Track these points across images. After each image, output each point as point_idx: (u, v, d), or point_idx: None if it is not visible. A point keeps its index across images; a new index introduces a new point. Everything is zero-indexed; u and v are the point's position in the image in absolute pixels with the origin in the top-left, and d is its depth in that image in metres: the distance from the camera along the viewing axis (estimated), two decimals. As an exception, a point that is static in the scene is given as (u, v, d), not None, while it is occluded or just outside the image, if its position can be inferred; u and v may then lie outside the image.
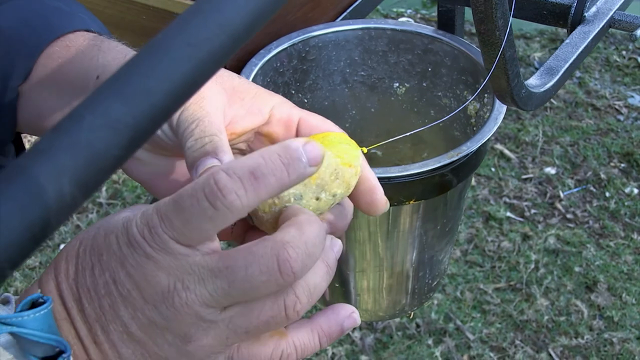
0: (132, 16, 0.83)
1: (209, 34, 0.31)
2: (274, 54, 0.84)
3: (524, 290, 1.80)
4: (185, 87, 0.30)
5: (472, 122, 0.84)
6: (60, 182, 0.27)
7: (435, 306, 1.77)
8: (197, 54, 0.31)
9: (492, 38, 0.58)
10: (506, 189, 2.04)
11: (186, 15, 0.31)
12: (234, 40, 0.32)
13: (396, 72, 0.89)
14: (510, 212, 1.98)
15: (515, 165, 2.11)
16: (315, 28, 0.87)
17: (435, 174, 0.73)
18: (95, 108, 0.28)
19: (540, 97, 0.67)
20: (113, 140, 0.28)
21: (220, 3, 0.32)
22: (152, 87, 0.29)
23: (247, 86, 0.51)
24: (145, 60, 0.30)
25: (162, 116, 0.29)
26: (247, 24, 0.32)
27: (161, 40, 0.31)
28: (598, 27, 0.76)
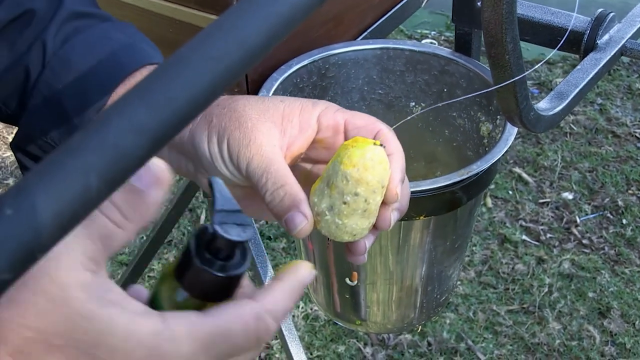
0: (160, 29, 0.87)
1: (228, 49, 0.34)
2: (294, 69, 0.87)
3: (536, 313, 1.81)
4: (204, 96, 0.33)
5: (484, 142, 0.86)
6: (88, 177, 0.30)
7: (447, 325, 1.78)
8: (216, 67, 0.33)
9: (502, 61, 0.60)
10: (523, 212, 2.05)
11: (207, 31, 0.34)
12: (250, 56, 0.35)
13: (413, 91, 0.92)
14: (525, 236, 1.99)
15: (532, 189, 2.12)
16: (336, 46, 0.90)
17: (446, 191, 0.75)
18: (122, 112, 0.31)
19: (549, 120, 0.69)
20: (137, 142, 0.31)
21: (239, 21, 0.35)
22: (174, 96, 0.32)
23: (292, 105, 0.55)
24: (168, 72, 0.33)
25: (182, 122, 0.32)
26: (263, 41, 0.35)
27: (183, 53, 0.34)
28: (610, 54, 0.78)
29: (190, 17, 0.84)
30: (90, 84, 0.57)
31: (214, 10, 0.82)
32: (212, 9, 0.82)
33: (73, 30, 0.58)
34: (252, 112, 0.53)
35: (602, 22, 0.80)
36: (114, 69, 0.57)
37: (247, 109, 0.53)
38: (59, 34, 0.58)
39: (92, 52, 0.57)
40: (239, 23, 0.35)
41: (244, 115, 0.53)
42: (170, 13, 0.85)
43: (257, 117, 0.53)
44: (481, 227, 1.99)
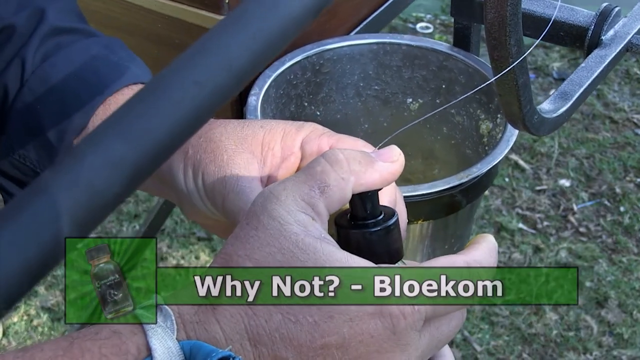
0: (147, 24, 0.83)
1: (213, 72, 0.31)
2: (287, 66, 0.84)
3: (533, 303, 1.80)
4: (188, 125, 0.30)
5: (484, 141, 0.84)
6: (59, 222, 0.27)
7: (443, 316, 1.76)
8: (200, 92, 0.31)
9: (505, 65, 0.57)
10: (519, 200, 2.03)
11: (190, 53, 0.31)
12: (238, 79, 0.32)
13: (410, 87, 0.89)
14: (522, 224, 1.97)
15: (529, 176, 2.09)
16: (330, 41, 0.87)
17: (444, 194, 0.73)
18: (96, 146, 0.28)
19: (552, 122, 0.67)
20: (114, 178, 0.28)
21: (225, 41, 0.32)
22: (154, 126, 0.29)
23: (273, 131, 0.51)
24: (148, 98, 0.30)
25: (163, 154, 0.29)
26: (252, 63, 0.32)
27: (165, 78, 0.31)
28: (615, 51, 0.75)
29: (180, 12, 0.80)
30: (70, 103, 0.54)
31: (203, 5, 0.79)
32: (202, 4, 0.78)
33: (55, 47, 0.55)
34: (229, 142, 0.50)
35: (607, 17, 0.77)
36: (96, 88, 0.54)
37: (223, 139, 0.50)
38: (39, 51, 0.55)
39: (73, 69, 0.54)
40: (224, 43, 0.32)
41: (220, 146, 0.49)
42: (159, 8, 0.81)
43: (234, 147, 0.49)
44: (477, 216, 1.97)
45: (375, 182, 0.43)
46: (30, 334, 1.73)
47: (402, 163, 0.45)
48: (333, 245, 0.40)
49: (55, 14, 0.56)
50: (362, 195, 0.43)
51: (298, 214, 0.40)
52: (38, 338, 1.73)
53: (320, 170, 0.41)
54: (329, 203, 0.41)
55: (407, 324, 0.39)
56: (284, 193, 0.40)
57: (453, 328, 0.43)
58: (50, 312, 1.77)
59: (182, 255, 1.90)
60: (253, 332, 0.38)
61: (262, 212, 0.40)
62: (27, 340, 1.72)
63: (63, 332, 1.72)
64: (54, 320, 1.75)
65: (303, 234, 0.39)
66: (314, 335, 0.38)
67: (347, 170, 0.42)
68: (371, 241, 0.43)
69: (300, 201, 0.40)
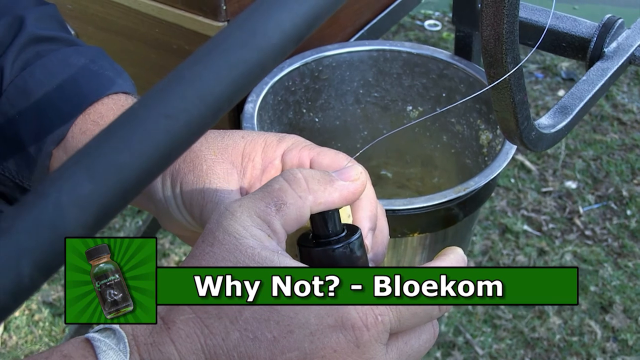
0: (145, 29, 0.82)
1: (187, 104, 0.30)
2: (286, 72, 0.83)
3: (537, 307, 1.78)
4: (159, 161, 0.29)
5: (484, 151, 0.83)
6: (20, 265, 0.26)
7: (445, 318, 1.75)
8: (173, 126, 0.30)
9: (502, 82, 0.56)
10: (525, 201, 2.01)
11: (164, 83, 0.31)
12: (214, 111, 0.31)
13: (410, 95, 0.88)
14: (527, 226, 1.95)
15: (535, 178, 2.08)
16: (330, 47, 0.86)
17: (441, 208, 0.72)
18: (62, 185, 0.27)
19: (551, 138, 0.65)
20: (79, 219, 0.27)
21: (200, 72, 0.31)
22: (123, 162, 0.28)
23: (254, 142, 0.50)
24: (118, 133, 0.29)
25: (132, 192, 0.29)
26: (229, 93, 0.31)
27: (136, 111, 0.30)
28: (617, 63, 0.74)
29: (177, 17, 0.80)
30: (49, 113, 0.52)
31: (200, 11, 0.78)
32: (200, 10, 0.77)
33: (34, 55, 0.54)
34: (209, 152, 0.48)
35: (610, 28, 0.75)
36: (75, 98, 0.53)
37: (203, 148, 0.49)
38: (18, 59, 0.54)
39: (52, 79, 0.53)
40: (198, 74, 0.31)
41: (199, 156, 0.48)
42: (157, 13, 0.80)
43: (213, 157, 0.48)
44: (482, 217, 1.96)
45: (334, 202, 0.42)
46: (31, 328, 1.74)
47: (364, 182, 0.44)
48: (290, 258, 0.39)
49: (34, 22, 0.55)
50: (323, 214, 0.42)
51: (254, 229, 0.39)
52: (39, 333, 1.73)
53: (277, 188, 0.41)
54: (286, 221, 0.41)
55: (370, 335, 0.38)
56: (240, 210, 0.40)
57: (424, 343, 0.41)
58: (52, 307, 1.77)
59: (184, 252, 1.89)
60: (210, 352, 0.37)
61: (217, 228, 0.40)
62: (28, 335, 1.72)
63: (64, 328, 1.73)
64: (55, 315, 1.76)
65: (259, 247, 0.39)
66: (274, 352, 0.37)
67: (305, 189, 0.41)
68: (334, 258, 0.42)
69: (256, 217, 0.40)
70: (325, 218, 0.43)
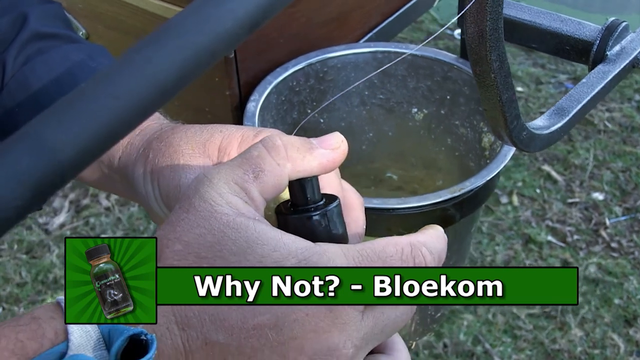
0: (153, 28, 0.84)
1: (134, 86, 0.31)
2: (290, 72, 0.84)
3: (558, 318, 1.76)
4: (101, 142, 0.30)
5: (486, 154, 0.82)
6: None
7: (464, 327, 1.74)
8: (118, 106, 0.31)
9: (488, 80, 0.56)
10: (550, 212, 1.99)
11: (114, 65, 0.31)
12: (161, 94, 0.32)
13: (415, 97, 0.88)
14: (551, 237, 1.93)
15: (561, 188, 2.05)
16: (335, 49, 0.86)
17: (437, 208, 0.72)
18: (4, 159, 0.28)
19: (545, 139, 0.65)
20: (15, 191, 0.28)
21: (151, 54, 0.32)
22: (64, 140, 0.29)
23: (231, 136, 0.50)
24: (62, 110, 0.30)
25: (72, 169, 0.29)
26: (178, 77, 0.32)
27: (83, 90, 0.31)
28: (619, 67, 0.73)
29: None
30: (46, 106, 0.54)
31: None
32: (203, 9, 0.79)
33: (35, 52, 0.56)
34: (187, 147, 0.49)
35: (614, 31, 0.75)
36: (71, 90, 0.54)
37: (182, 143, 0.49)
38: (20, 55, 0.56)
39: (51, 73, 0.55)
40: (150, 56, 0.32)
41: (177, 150, 0.49)
42: (164, 12, 0.82)
43: (190, 152, 0.48)
44: (505, 226, 1.94)
45: (313, 170, 0.42)
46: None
47: (344, 150, 0.44)
48: (266, 224, 0.39)
49: (37, 19, 0.57)
50: (301, 181, 0.42)
51: (230, 196, 0.39)
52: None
53: (256, 155, 0.41)
54: (263, 188, 0.40)
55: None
56: (217, 176, 0.40)
57: (400, 314, 0.41)
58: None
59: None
60: (181, 315, 0.37)
61: (194, 194, 0.40)
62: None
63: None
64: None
65: (234, 214, 0.38)
66: (246, 315, 0.37)
67: (284, 156, 0.41)
68: (311, 227, 0.42)
69: (233, 184, 0.40)
70: (304, 185, 0.42)
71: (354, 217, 0.48)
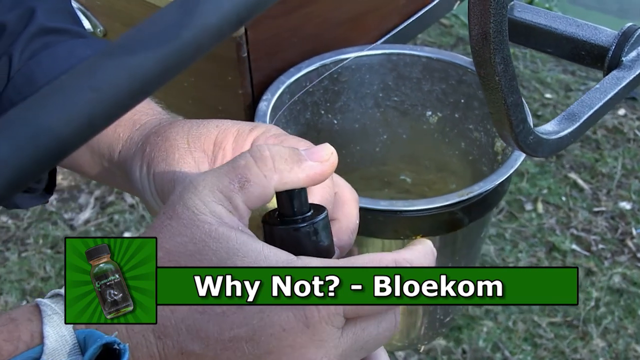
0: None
1: (115, 79, 0.31)
2: (303, 72, 0.84)
3: (580, 328, 1.74)
4: (80, 132, 0.30)
5: (498, 159, 0.82)
6: None
7: (484, 333, 1.72)
8: (98, 98, 0.31)
9: (492, 83, 0.56)
10: (575, 220, 1.97)
11: (96, 57, 0.32)
12: (142, 87, 0.32)
13: (429, 100, 0.87)
14: (576, 245, 1.91)
15: (587, 197, 2.03)
16: (349, 50, 0.86)
17: (445, 211, 0.71)
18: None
19: (554, 144, 0.64)
20: (-8, 179, 0.29)
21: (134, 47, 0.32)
22: (42, 130, 0.30)
23: (227, 131, 0.50)
24: (41, 102, 0.30)
25: (49, 160, 0.30)
26: (160, 71, 0.32)
27: (63, 82, 0.31)
28: (634, 73, 0.72)
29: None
30: None
31: (219, 9, 0.79)
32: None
33: (42, 46, 0.57)
34: (182, 141, 0.49)
35: (630, 37, 0.73)
36: None
37: (178, 137, 0.49)
38: (26, 49, 0.56)
39: (56, 68, 0.55)
40: (132, 49, 0.32)
41: (173, 144, 0.49)
42: (179, 10, 0.82)
43: (186, 146, 0.49)
44: (529, 234, 1.92)
45: (300, 182, 0.42)
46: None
47: (333, 163, 0.43)
48: (249, 235, 0.39)
49: (45, 14, 0.57)
50: (288, 192, 0.42)
51: (214, 205, 0.39)
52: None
53: (243, 165, 0.40)
54: (248, 198, 0.40)
55: (320, 317, 0.38)
56: (202, 184, 0.40)
57: (383, 331, 0.41)
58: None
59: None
60: (158, 324, 0.37)
61: (178, 201, 0.39)
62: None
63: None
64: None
65: (217, 223, 0.38)
66: (222, 326, 0.37)
67: (271, 167, 0.41)
68: (297, 238, 0.42)
69: (217, 193, 0.39)
70: (292, 196, 0.42)
71: (346, 212, 0.47)
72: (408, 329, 0.86)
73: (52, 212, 1.99)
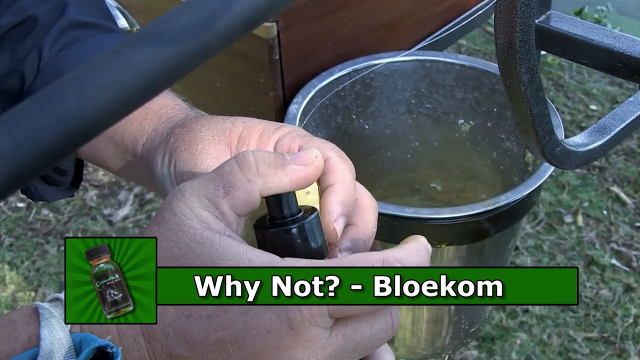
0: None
1: (119, 76, 0.32)
2: (335, 77, 0.84)
3: (617, 344, 1.70)
4: (84, 130, 0.31)
5: (529, 169, 0.80)
6: None
7: (517, 346, 1.70)
8: (102, 96, 0.31)
9: (517, 93, 0.55)
10: (616, 234, 1.93)
11: (102, 56, 0.32)
12: (147, 87, 0.32)
13: (462, 108, 0.87)
14: (615, 260, 1.87)
15: (630, 211, 1.99)
16: (382, 55, 0.86)
17: (470, 220, 0.70)
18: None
19: (582, 156, 0.63)
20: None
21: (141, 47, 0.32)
22: (43, 127, 0.30)
23: (252, 128, 0.50)
24: (45, 98, 0.31)
25: (51, 156, 0.30)
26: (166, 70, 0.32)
27: (68, 80, 0.31)
28: (671, 86, 0.71)
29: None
30: None
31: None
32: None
33: (72, 40, 0.57)
34: (207, 133, 0.49)
35: (668, 49, 0.72)
36: None
37: (203, 129, 0.49)
38: (56, 42, 0.57)
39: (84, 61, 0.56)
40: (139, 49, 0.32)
41: (197, 136, 0.49)
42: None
43: (210, 138, 0.49)
44: (567, 246, 1.89)
45: (284, 186, 0.42)
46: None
47: (318, 166, 0.43)
48: (234, 239, 0.39)
49: (76, 8, 0.58)
50: (276, 196, 0.42)
51: (200, 210, 0.40)
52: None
53: (227, 171, 0.41)
54: (234, 204, 0.41)
55: (303, 317, 0.38)
56: (189, 191, 0.40)
57: (377, 332, 0.40)
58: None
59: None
60: (147, 327, 0.38)
61: (166, 208, 0.40)
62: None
63: None
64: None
65: (202, 228, 0.39)
66: (208, 329, 0.37)
67: (254, 172, 0.41)
68: (288, 240, 0.42)
69: (204, 199, 0.40)
70: (279, 200, 0.42)
71: (364, 218, 0.47)
72: (433, 337, 0.85)
73: (92, 207, 2.02)
